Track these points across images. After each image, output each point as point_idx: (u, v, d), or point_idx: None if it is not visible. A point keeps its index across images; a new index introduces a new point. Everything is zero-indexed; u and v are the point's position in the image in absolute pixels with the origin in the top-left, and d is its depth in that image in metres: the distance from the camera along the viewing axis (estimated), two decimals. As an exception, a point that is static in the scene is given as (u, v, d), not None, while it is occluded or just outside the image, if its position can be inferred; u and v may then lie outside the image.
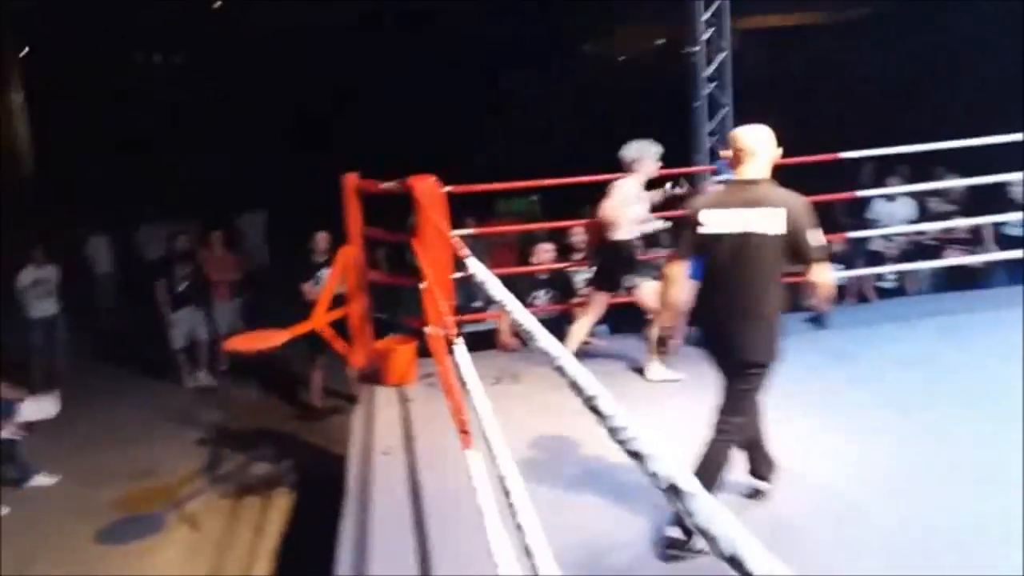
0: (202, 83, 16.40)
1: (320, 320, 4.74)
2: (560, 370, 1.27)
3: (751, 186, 2.87)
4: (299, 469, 6.08)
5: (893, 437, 3.76)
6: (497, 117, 14.01)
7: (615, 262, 4.49)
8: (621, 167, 4.54)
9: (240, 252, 9.60)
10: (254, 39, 15.50)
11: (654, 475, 0.85)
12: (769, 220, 2.76)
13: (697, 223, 2.88)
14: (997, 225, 7.00)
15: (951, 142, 5.56)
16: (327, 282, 4.91)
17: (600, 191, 4.57)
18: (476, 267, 2.12)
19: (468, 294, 5.80)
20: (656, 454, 0.89)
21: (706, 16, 7.18)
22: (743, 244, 2.80)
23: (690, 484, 0.80)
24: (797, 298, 4.56)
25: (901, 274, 7.34)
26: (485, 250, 8.70)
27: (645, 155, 4.51)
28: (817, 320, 5.23)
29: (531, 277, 5.78)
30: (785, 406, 4.17)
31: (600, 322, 6.30)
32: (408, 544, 3.09)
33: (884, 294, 7.36)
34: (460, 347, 2.58)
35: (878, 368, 4.61)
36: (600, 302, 4.63)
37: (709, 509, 0.76)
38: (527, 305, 5.67)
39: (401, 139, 11.63)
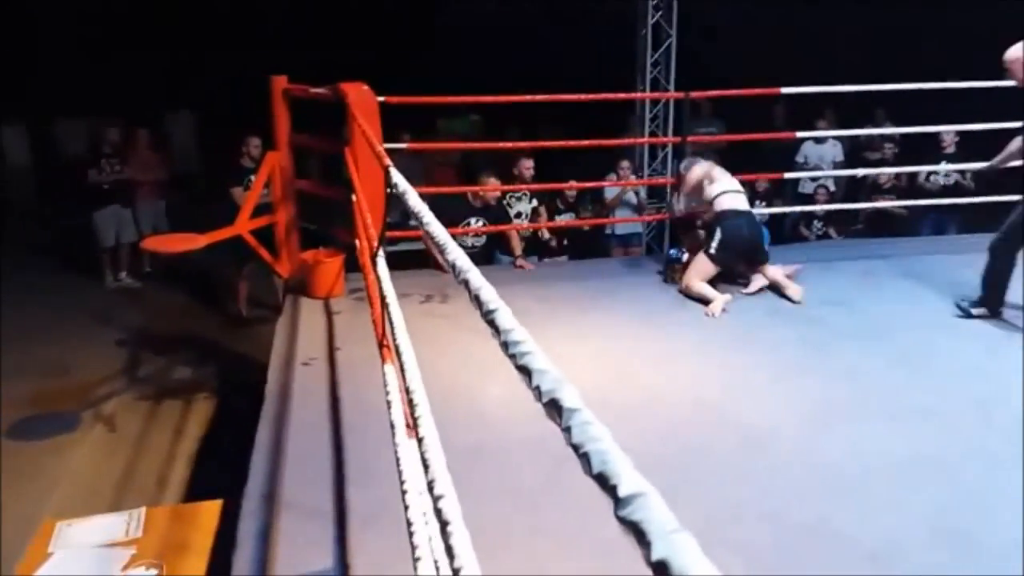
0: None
1: (243, 226, 4.60)
2: (465, 283, 1.24)
3: None
4: (222, 376, 6.02)
5: (810, 374, 3.88)
6: (440, 33, 13.50)
7: None
8: None
9: (166, 153, 9.26)
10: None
11: (537, 389, 0.84)
12: None
13: None
14: (928, 175, 7.18)
15: (883, 85, 5.58)
16: (252, 188, 4.75)
17: (546, 111, 4.51)
18: (398, 178, 2.06)
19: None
20: (544, 369, 0.87)
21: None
22: None
23: (572, 401, 0.79)
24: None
25: (828, 219, 7.50)
26: (424, 170, 8.56)
27: None
28: None
29: (467, 203, 5.67)
30: (711, 340, 4.29)
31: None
32: (322, 452, 3.10)
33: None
34: (381, 261, 2.53)
35: (800, 307, 4.74)
36: None
37: (589, 427, 0.75)
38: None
39: (340, 47, 11.16)
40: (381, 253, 2.57)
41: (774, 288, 4.84)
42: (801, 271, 5.01)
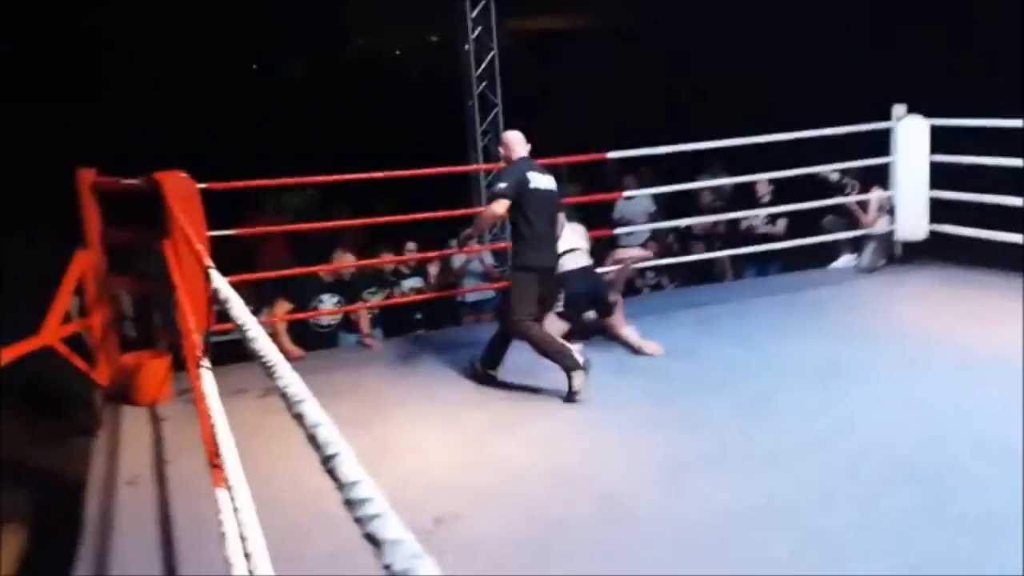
0: None
1: (52, 335, 4.15)
2: (298, 418, 1.09)
3: None
4: (33, 502, 5.35)
5: (658, 428, 3.92)
6: (267, 110, 13.20)
7: None
8: None
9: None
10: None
11: (388, 567, 0.71)
12: None
13: None
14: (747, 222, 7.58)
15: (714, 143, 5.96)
16: (60, 294, 4.30)
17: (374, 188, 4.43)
18: (220, 284, 1.87)
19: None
20: (397, 539, 0.74)
21: (473, 15, 7.27)
22: None
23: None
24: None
25: (659, 269, 7.75)
26: (253, 247, 8.15)
27: None
28: None
29: (318, 279, 5.54)
30: (562, 403, 4.27)
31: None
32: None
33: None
34: (206, 372, 2.30)
35: (646, 360, 4.83)
36: None
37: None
38: (311, 308, 5.43)
39: (154, 130, 10.62)
40: (206, 363, 2.34)
41: (630, 347, 4.95)
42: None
